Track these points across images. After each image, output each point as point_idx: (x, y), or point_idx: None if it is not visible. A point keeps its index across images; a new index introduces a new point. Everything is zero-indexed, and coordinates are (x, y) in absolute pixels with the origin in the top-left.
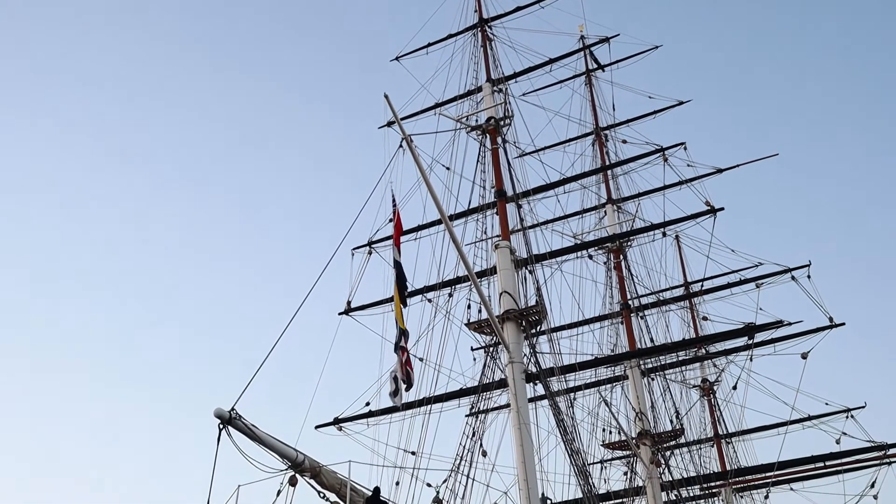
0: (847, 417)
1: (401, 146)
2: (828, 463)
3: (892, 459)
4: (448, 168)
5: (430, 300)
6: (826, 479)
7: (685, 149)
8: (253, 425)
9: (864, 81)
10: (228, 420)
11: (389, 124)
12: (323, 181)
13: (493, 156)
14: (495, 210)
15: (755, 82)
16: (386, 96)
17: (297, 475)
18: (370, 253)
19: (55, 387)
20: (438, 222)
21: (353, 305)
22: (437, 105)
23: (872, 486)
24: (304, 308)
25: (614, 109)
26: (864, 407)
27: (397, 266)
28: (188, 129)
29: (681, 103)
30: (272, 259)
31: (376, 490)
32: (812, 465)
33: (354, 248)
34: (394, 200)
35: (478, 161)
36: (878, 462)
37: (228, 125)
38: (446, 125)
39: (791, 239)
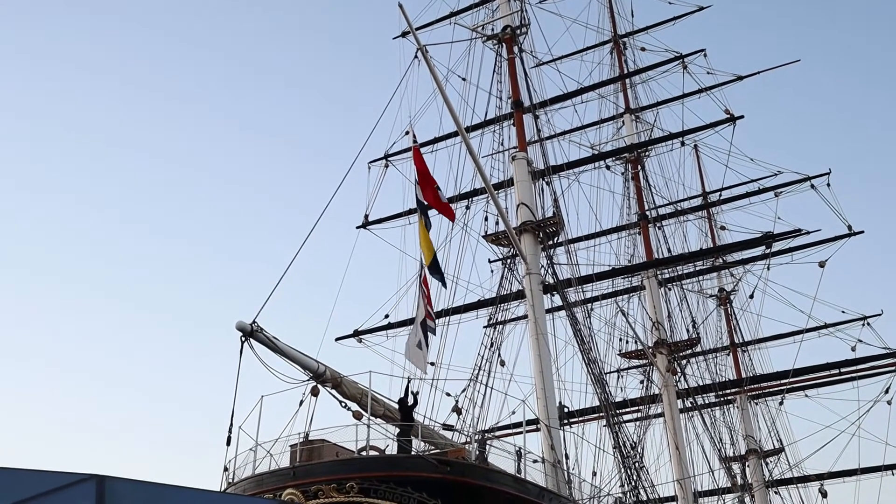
0: (863, 325)
1: (416, 57)
2: (843, 370)
3: None
4: (464, 79)
5: None
6: (841, 385)
7: (705, 56)
8: (274, 337)
9: None
10: (250, 332)
11: (404, 35)
12: (338, 95)
13: (509, 66)
14: (512, 121)
15: None
16: (400, 5)
17: (319, 385)
18: (387, 166)
19: (86, 306)
20: (454, 134)
21: (370, 219)
22: (452, 14)
23: (887, 391)
24: (323, 223)
25: (633, 16)
26: (880, 314)
27: (422, 206)
28: (201, 49)
29: (701, 9)
30: (289, 175)
31: (402, 400)
32: (827, 372)
33: (371, 162)
34: (415, 139)
35: (494, 71)
36: (893, 369)
37: (240, 43)
38: (462, 35)
39: (811, 147)
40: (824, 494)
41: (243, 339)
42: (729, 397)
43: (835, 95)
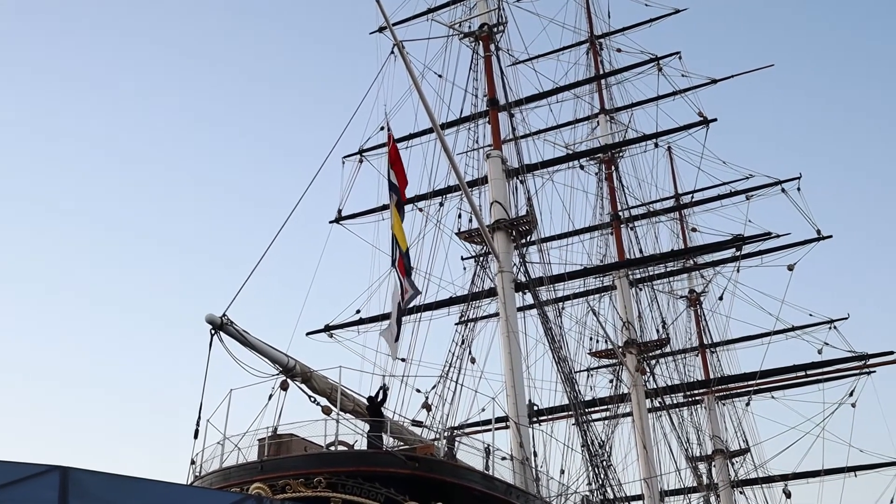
0: (830, 328)
1: (392, 53)
2: (809, 372)
3: (872, 369)
4: (440, 76)
5: (420, 209)
6: (806, 387)
7: (680, 58)
8: (244, 331)
9: None
10: (220, 325)
11: (381, 30)
12: (314, 89)
13: (485, 63)
14: (487, 119)
15: None
16: (377, 0)
17: (289, 380)
18: (361, 161)
19: (53, 300)
20: (430, 131)
21: (343, 214)
22: (430, 10)
23: (851, 394)
24: (296, 218)
25: (609, 17)
26: (847, 318)
27: (393, 188)
28: (173, 45)
29: (677, 11)
30: (263, 169)
31: (371, 399)
32: (793, 375)
33: (345, 157)
34: (389, 129)
35: (470, 69)
36: (857, 372)
37: (213, 37)
38: (439, 31)
39: (782, 152)
40: (788, 495)
41: (213, 332)
42: (697, 398)
43: (807, 101)
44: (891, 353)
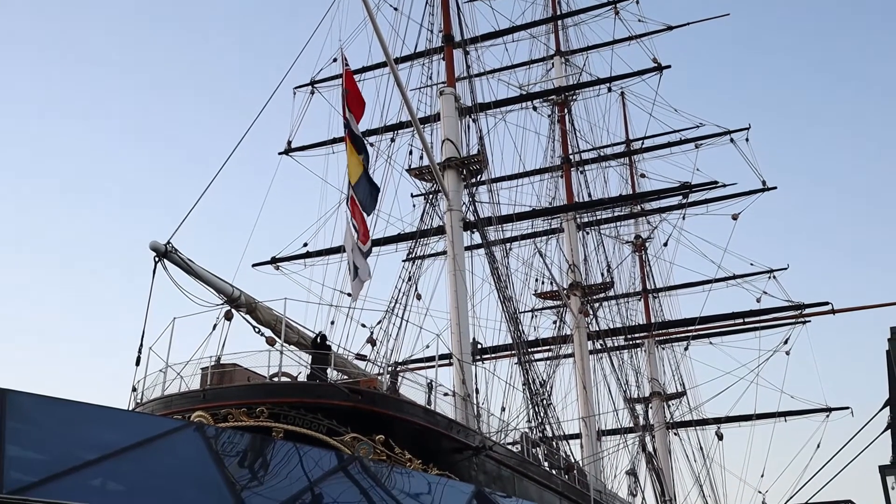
0: (769, 278)
1: None
2: (747, 320)
3: (807, 319)
4: (396, 9)
5: (371, 144)
6: (744, 335)
7: (637, 3)
8: (189, 259)
9: None
10: (164, 253)
11: None
12: (264, 16)
13: None
14: (442, 55)
15: None
16: None
17: (233, 310)
18: (312, 93)
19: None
20: (383, 65)
21: (293, 146)
22: None
23: (786, 342)
24: (245, 148)
25: None
26: (786, 268)
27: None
28: None
29: None
30: (212, 100)
31: (322, 336)
32: (732, 322)
33: (296, 87)
34: (345, 61)
35: (426, 3)
36: (793, 321)
37: None
38: None
39: (733, 102)
40: (720, 437)
41: (157, 259)
42: (637, 341)
43: (760, 52)
44: (826, 303)
